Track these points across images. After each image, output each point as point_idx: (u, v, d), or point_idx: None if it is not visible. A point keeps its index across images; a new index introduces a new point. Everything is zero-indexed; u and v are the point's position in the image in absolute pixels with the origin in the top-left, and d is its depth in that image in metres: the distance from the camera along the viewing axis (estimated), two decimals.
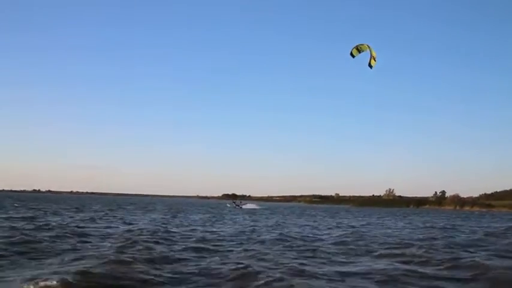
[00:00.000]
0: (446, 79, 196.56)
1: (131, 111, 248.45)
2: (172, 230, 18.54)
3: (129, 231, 17.48)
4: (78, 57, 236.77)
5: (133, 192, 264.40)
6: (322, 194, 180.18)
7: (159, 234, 16.35)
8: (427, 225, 30.28)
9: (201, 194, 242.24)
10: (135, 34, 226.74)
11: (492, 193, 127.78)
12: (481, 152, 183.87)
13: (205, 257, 11.04)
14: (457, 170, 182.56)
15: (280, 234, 17.66)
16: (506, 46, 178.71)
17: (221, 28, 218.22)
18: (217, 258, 10.80)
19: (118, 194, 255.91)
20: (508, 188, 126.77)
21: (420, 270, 9.57)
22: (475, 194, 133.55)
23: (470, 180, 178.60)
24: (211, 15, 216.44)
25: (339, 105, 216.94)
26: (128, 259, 9.68)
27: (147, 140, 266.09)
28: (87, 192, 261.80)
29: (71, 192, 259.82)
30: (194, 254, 11.52)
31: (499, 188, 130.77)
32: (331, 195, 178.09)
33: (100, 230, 17.71)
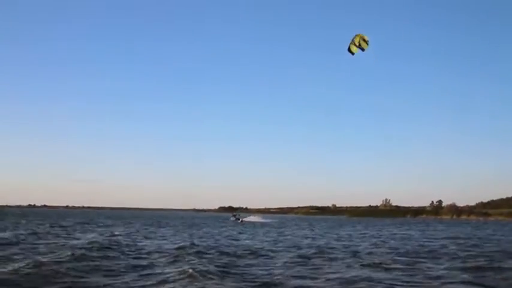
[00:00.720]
0: (442, 88, 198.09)
1: (127, 124, 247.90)
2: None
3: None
4: (75, 71, 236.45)
5: (129, 206, 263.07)
6: (319, 205, 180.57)
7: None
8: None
9: (197, 207, 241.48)
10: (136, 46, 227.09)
11: (489, 201, 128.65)
12: (477, 160, 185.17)
13: None
14: (453, 179, 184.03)
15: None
16: (504, 54, 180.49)
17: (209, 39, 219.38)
18: None
19: (114, 207, 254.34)
20: (504, 197, 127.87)
21: None
22: (472, 203, 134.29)
23: (466, 189, 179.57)
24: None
25: (335, 116, 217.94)
26: None
27: (145, 154, 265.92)
28: (83, 207, 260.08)
29: (67, 206, 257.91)
30: None
31: (496, 197, 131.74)
32: (328, 206, 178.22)
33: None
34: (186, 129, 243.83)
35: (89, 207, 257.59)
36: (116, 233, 27.52)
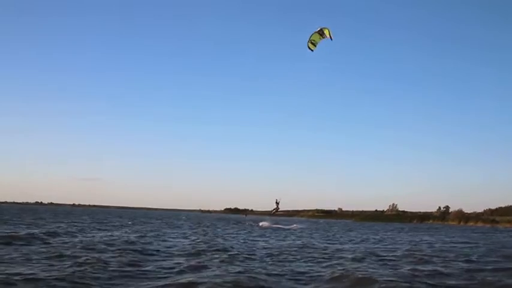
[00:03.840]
0: (448, 94, 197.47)
1: (133, 123, 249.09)
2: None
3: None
4: (78, 67, 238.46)
5: (135, 206, 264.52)
6: (325, 209, 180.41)
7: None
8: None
9: (203, 208, 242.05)
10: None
11: (496, 208, 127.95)
12: (485, 167, 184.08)
13: None
14: (461, 185, 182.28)
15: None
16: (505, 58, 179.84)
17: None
18: None
19: (120, 207, 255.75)
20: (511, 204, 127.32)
21: None
22: (479, 209, 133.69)
23: (474, 195, 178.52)
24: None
25: (341, 122, 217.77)
26: None
27: (148, 153, 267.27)
28: (89, 205, 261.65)
29: (73, 205, 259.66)
30: None
31: (504, 204, 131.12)
32: (334, 210, 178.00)
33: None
34: (193, 130, 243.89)
35: (94, 206, 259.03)
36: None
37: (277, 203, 45.47)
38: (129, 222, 45.07)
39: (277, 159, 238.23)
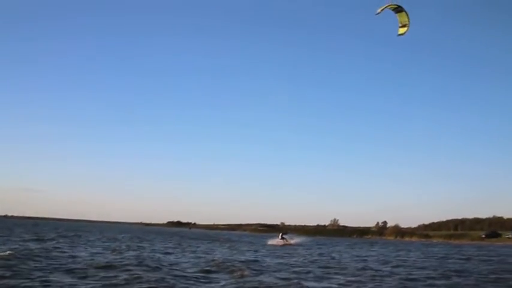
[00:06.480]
0: (386, 115, 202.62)
1: (67, 130, 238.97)
2: None
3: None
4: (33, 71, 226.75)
5: (74, 218, 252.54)
6: (268, 223, 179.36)
7: None
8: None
9: (145, 221, 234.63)
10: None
11: (430, 224, 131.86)
12: (420, 185, 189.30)
13: None
14: (398, 201, 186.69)
15: None
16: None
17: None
18: None
19: (58, 219, 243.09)
20: (444, 219, 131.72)
21: None
22: (414, 225, 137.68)
23: (410, 211, 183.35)
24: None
25: (282, 136, 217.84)
26: None
27: (86, 164, 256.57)
28: (23, 217, 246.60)
29: (5, 216, 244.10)
30: None
31: (436, 219, 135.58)
32: (276, 224, 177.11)
33: None
34: (135, 143, 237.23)
35: (29, 218, 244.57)
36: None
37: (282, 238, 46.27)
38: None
39: (221, 173, 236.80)
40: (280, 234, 47.58)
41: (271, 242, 45.52)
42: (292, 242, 45.83)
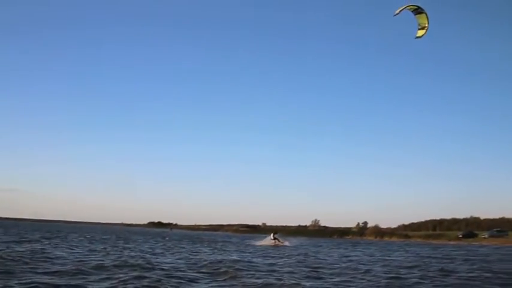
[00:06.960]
0: (367, 114, 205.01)
1: (47, 135, 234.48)
2: None
3: None
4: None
5: (52, 218, 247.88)
6: (249, 223, 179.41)
7: None
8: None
9: (125, 222, 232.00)
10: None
11: (409, 224, 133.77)
12: (400, 185, 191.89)
13: None
14: (378, 201, 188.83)
15: None
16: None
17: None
18: None
19: (33, 220, 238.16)
20: (423, 220, 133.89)
21: None
22: (394, 225, 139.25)
23: (390, 211, 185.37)
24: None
25: (262, 135, 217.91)
26: None
27: (68, 164, 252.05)
28: (6, 218, 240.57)
29: None
30: None
31: (416, 219, 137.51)
32: (258, 225, 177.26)
33: None
34: (113, 144, 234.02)
35: (7, 219, 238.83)
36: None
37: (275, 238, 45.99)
38: None
39: (201, 174, 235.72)
40: (272, 234, 47.10)
41: (261, 242, 44.81)
42: (286, 243, 44.93)
